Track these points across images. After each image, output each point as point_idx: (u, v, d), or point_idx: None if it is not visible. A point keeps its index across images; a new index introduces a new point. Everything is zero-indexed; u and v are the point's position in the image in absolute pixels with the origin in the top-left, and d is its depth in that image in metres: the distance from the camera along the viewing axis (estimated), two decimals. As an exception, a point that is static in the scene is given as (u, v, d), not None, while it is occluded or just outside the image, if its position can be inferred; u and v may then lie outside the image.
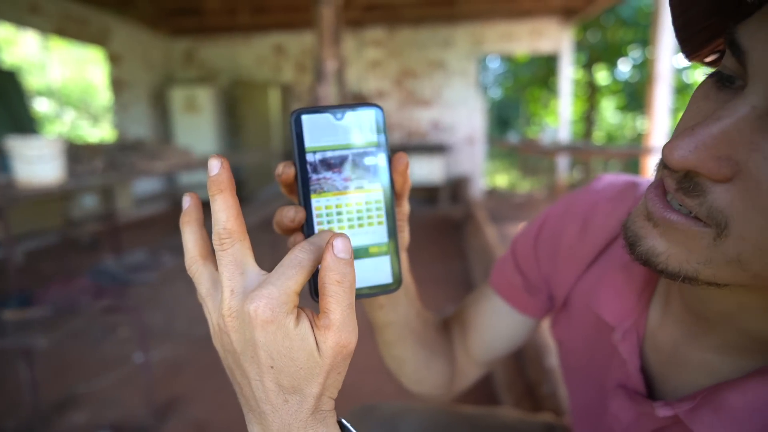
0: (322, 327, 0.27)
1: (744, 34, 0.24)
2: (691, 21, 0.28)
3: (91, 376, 1.88)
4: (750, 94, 0.23)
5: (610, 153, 4.41)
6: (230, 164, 0.29)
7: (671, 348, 0.37)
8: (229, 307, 0.27)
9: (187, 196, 0.31)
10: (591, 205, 0.48)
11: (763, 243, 0.24)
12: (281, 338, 0.26)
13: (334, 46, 3.32)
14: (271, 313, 0.26)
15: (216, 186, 0.28)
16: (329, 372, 0.28)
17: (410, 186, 0.38)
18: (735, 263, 0.25)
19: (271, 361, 0.27)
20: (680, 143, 0.24)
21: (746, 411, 0.30)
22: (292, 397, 0.27)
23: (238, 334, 0.27)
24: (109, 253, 3.41)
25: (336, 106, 0.34)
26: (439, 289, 2.79)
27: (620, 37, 9.62)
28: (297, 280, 0.27)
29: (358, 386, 1.74)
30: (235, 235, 0.28)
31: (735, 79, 0.26)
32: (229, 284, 0.27)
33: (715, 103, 0.26)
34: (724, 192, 0.24)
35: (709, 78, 0.28)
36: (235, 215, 0.28)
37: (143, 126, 6.01)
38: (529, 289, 0.53)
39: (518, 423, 0.64)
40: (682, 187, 0.26)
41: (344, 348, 0.28)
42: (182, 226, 0.30)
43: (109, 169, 2.79)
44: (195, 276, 0.30)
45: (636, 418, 0.38)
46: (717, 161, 0.24)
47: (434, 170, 5.69)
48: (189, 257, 0.30)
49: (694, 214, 0.26)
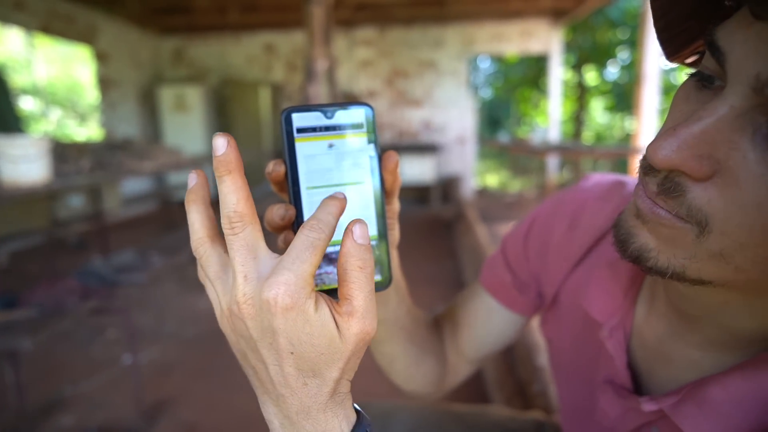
0: (345, 314, 0.27)
1: (722, 36, 0.25)
2: (671, 23, 0.29)
3: (79, 379, 1.85)
4: (729, 94, 0.24)
5: (599, 153, 4.46)
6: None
7: (656, 344, 0.38)
8: (244, 294, 0.26)
9: (194, 173, 0.29)
10: (579, 204, 0.49)
11: (743, 238, 0.25)
12: (302, 324, 0.26)
13: (325, 46, 3.31)
14: (291, 299, 0.25)
15: (224, 166, 0.27)
16: (350, 357, 0.28)
17: (400, 184, 0.38)
18: (718, 257, 0.26)
19: (291, 347, 0.26)
20: (663, 143, 0.25)
21: (728, 404, 0.30)
22: (312, 380, 0.27)
23: (255, 321, 0.26)
24: (96, 254, 3.37)
25: (326, 104, 0.34)
26: (430, 288, 2.80)
27: (609, 39, 9.72)
28: (312, 262, 0.26)
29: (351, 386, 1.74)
30: (247, 218, 0.27)
31: (714, 80, 0.26)
32: (242, 270, 0.26)
33: (695, 103, 0.27)
34: (703, 191, 0.25)
35: (689, 79, 0.28)
36: (245, 197, 0.27)
37: (131, 125, 5.94)
38: (518, 287, 0.53)
39: (508, 421, 0.64)
40: (664, 189, 0.27)
41: (367, 335, 0.28)
42: (188, 204, 0.29)
43: (97, 168, 2.75)
44: (203, 258, 0.28)
45: (623, 412, 0.38)
46: (698, 160, 0.24)
47: (425, 170, 5.70)
48: (196, 238, 0.28)
49: (676, 214, 0.26)
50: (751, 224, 0.24)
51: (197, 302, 2.66)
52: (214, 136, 0.27)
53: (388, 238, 0.36)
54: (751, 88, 0.23)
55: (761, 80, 0.22)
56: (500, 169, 11.32)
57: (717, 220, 0.25)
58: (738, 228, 0.24)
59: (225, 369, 1.93)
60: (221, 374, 1.90)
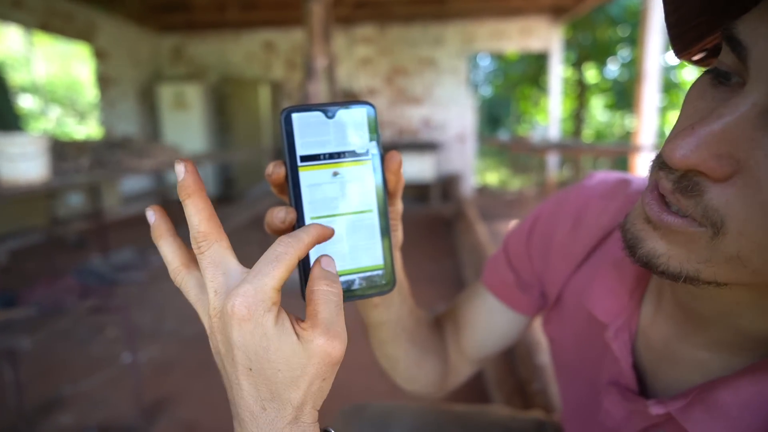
0: (308, 327, 0.27)
1: (744, 30, 0.24)
2: (683, 18, 0.28)
3: (78, 377, 1.85)
4: (751, 90, 0.23)
5: (600, 151, 4.45)
6: (220, 161, 0.28)
7: (663, 345, 0.37)
8: (214, 308, 0.27)
9: (150, 211, 0.30)
10: (583, 202, 0.48)
11: (762, 239, 0.24)
12: (258, 337, 0.26)
13: (324, 44, 3.30)
14: (247, 310, 0.25)
15: (184, 191, 0.28)
16: (314, 378, 0.27)
17: (404, 185, 0.37)
18: (735, 260, 0.25)
19: (248, 362, 0.26)
20: (681, 142, 0.24)
21: (738, 409, 0.30)
22: (270, 404, 0.26)
23: (222, 335, 0.27)
24: (96, 253, 3.36)
25: (327, 104, 0.33)
26: (431, 287, 2.79)
27: (609, 36, 9.70)
28: (275, 275, 0.26)
29: (349, 385, 1.74)
30: (211, 236, 0.28)
31: (732, 76, 0.26)
32: (212, 285, 0.27)
33: (712, 101, 0.26)
34: (721, 191, 0.24)
35: (704, 75, 0.28)
36: (207, 217, 0.28)
37: (131, 123, 5.93)
38: (521, 286, 0.53)
39: (509, 420, 0.64)
40: (680, 186, 0.26)
41: (332, 351, 0.27)
42: (156, 240, 0.30)
43: (96, 166, 2.74)
44: (182, 285, 0.29)
45: (628, 415, 0.38)
46: (718, 159, 0.24)
47: (425, 168, 5.70)
48: (172, 269, 0.30)
49: (690, 215, 0.26)
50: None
51: (197, 301, 2.65)
52: (175, 162, 0.28)
53: (392, 240, 0.35)
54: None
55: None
56: (500, 167, 11.31)
57: (735, 221, 0.24)
58: (757, 229, 0.24)
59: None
60: (220, 374, 1.89)
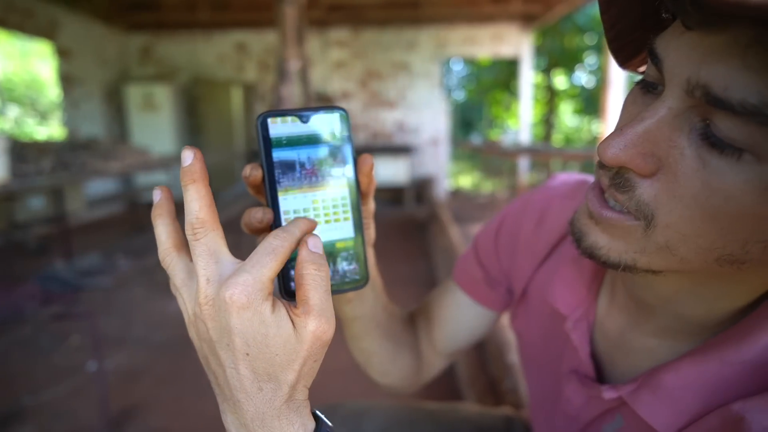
0: (301, 313, 0.28)
1: (660, 44, 0.27)
2: (620, 34, 0.31)
3: (39, 388, 1.78)
4: (666, 97, 0.26)
5: (568, 155, 4.58)
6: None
7: (617, 334, 0.40)
8: (206, 295, 0.27)
9: (158, 189, 0.31)
10: (546, 202, 0.51)
11: (685, 230, 0.27)
12: (257, 324, 0.27)
13: (298, 46, 3.28)
14: (247, 299, 0.26)
15: (189, 176, 0.28)
16: (306, 359, 0.28)
17: (375, 186, 0.39)
18: (665, 250, 0.28)
19: (246, 348, 0.27)
20: (612, 142, 0.27)
21: (681, 390, 0.32)
22: (267, 384, 0.28)
23: (214, 322, 0.27)
24: (59, 258, 3.24)
25: (301, 108, 0.35)
26: (405, 288, 2.81)
27: (576, 44, 10.01)
28: (271, 267, 0.27)
29: (324, 387, 1.73)
30: (208, 224, 0.28)
31: (657, 85, 0.29)
32: (204, 273, 0.28)
33: (641, 106, 0.29)
34: (649, 186, 0.27)
35: (636, 85, 0.31)
36: (207, 205, 0.28)
37: (97, 124, 5.74)
38: (489, 282, 0.55)
39: (479, 417, 0.66)
40: (614, 183, 0.29)
41: (323, 335, 0.28)
42: (154, 219, 0.30)
43: (59, 168, 2.65)
44: (169, 267, 0.30)
45: (586, 401, 0.40)
46: (643, 157, 0.27)
47: (399, 171, 5.73)
48: (162, 249, 0.30)
49: (626, 209, 0.29)
50: (690, 216, 0.26)
51: (166, 306, 2.59)
52: (184, 148, 0.29)
53: (365, 238, 0.37)
54: (684, 91, 0.25)
55: (691, 84, 0.24)
56: (473, 170, 11.47)
57: (661, 213, 0.27)
58: (680, 220, 0.26)
59: (195, 374, 1.88)
60: (191, 379, 1.85)
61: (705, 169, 0.25)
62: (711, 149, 0.25)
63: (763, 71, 0.22)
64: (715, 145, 0.24)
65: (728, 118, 0.23)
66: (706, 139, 0.25)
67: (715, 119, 0.24)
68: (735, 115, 0.23)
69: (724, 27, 0.23)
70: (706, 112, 0.25)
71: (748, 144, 0.23)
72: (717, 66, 0.23)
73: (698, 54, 0.24)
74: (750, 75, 0.22)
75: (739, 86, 0.22)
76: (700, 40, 0.24)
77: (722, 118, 0.24)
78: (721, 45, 0.23)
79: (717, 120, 0.24)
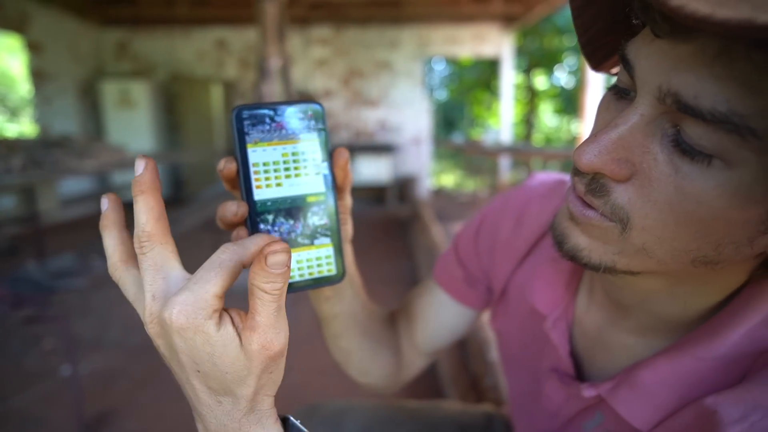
0: (248, 328, 0.27)
1: (631, 51, 0.27)
2: (592, 39, 0.32)
3: (10, 394, 1.72)
4: (638, 104, 0.26)
5: (548, 154, 4.65)
6: (169, 162, 0.28)
7: (596, 333, 0.40)
8: (151, 313, 0.27)
9: (105, 198, 0.29)
10: (525, 201, 0.51)
11: (660, 233, 0.27)
12: (201, 344, 0.26)
13: (279, 44, 3.25)
14: (186, 319, 0.25)
15: (138, 186, 0.27)
16: (260, 373, 0.27)
17: (351, 180, 0.39)
18: (642, 252, 0.28)
19: (195, 366, 0.27)
20: (586, 149, 0.27)
21: (657, 386, 0.33)
22: (225, 398, 0.28)
23: (162, 339, 0.27)
24: (30, 259, 3.13)
25: (277, 102, 0.34)
26: (387, 288, 2.81)
27: (556, 45, 10.17)
28: (216, 282, 0.26)
29: (305, 387, 1.72)
30: (155, 238, 0.27)
31: (629, 92, 0.29)
32: (150, 289, 0.27)
33: (614, 112, 0.30)
34: (623, 191, 0.28)
35: (609, 91, 0.31)
36: (155, 218, 0.27)
37: (70, 121, 5.58)
38: (469, 281, 0.55)
39: (459, 414, 0.66)
40: (590, 189, 0.29)
41: (270, 349, 0.27)
42: (102, 230, 0.29)
43: (30, 167, 2.57)
44: (119, 282, 0.29)
45: (566, 398, 0.41)
46: (617, 163, 0.27)
47: (381, 170, 5.73)
48: (110, 263, 0.29)
49: (602, 213, 0.29)
50: (664, 219, 0.27)
51: (144, 307, 2.53)
52: (137, 156, 0.28)
53: (341, 233, 0.37)
54: (655, 98, 0.25)
55: (662, 91, 0.25)
56: (455, 169, 11.56)
57: (637, 217, 0.27)
58: (654, 223, 0.27)
59: (172, 377, 1.83)
60: (169, 382, 1.82)
61: (677, 174, 0.25)
62: (682, 155, 0.25)
63: (730, 81, 0.22)
64: (686, 152, 0.25)
65: (698, 125, 0.24)
66: (677, 145, 0.25)
67: (685, 126, 0.25)
68: (705, 122, 0.23)
69: (692, 36, 0.23)
70: (677, 118, 0.25)
71: (717, 150, 0.24)
72: (687, 74, 0.23)
73: (668, 62, 0.24)
74: (718, 84, 0.22)
75: (708, 95, 0.23)
76: (670, 49, 0.24)
77: (692, 125, 0.24)
78: (689, 54, 0.23)
79: (687, 127, 0.25)
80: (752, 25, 0.17)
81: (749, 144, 0.23)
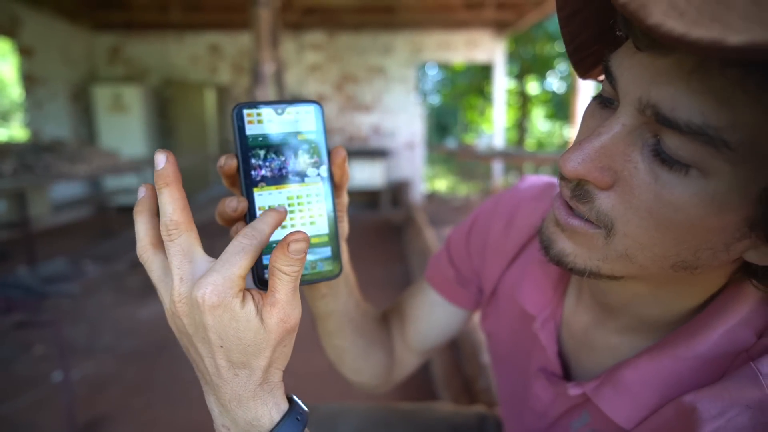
0: (268, 304, 0.29)
1: (614, 63, 0.28)
2: (579, 47, 0.33)
3: (1, 400, 1.70)
4: (620, 114, 0.28)
5: (541, 159, 4.69)
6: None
7: (583, 333, 0.42)
8: (179, 294, 0.29)
9: (143, 187, 0.32)
10: (515, 204, 0.52)
11: (642, 239, 0.28)
12: (228, 320, 0.28)
13: (272, 49, 3.26)
14: (218, 298, 0.28)
15: (162, 179, 0.29)
16: (276, 345, 0.30)
17: (349, 178, 0.40)
18: (624, 257, 0.30)
19: (220, 341, 0.29)
20: (571, 156, 0.29)
21: (639, 385, 0.34)
22: (242, 371, 0.30)
23: (189, 318, 0.29)
24: (21, 264, 3.10)
25: (277, 101, 0.35)
26: (380, 291, 2.81)
27: (548, 51, 10.26)
28: (241, 265, 0.29)
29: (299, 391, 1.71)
30: (182, 226, 0.29)
31: (613, 101, 0.30)
32: (178, 272, 0.29)
33: (598, 120, 0.31)
34: (607, 198, 0.29)
35: (593, 100, 0.32)
36: (181, 207, 0.29)
37: (62, 126, 5.54)
38: (461, 282, 0.56)
39: (452, 415, 0.67)
40: (575, 195, 0.30)
41: (287, 322, 0.30)
42: (135, 215, 0.31)
43: (21, 171, 2.55)
44: (146, 263, 0.31)
45: (554, 398, 0.42)
46: (600, 171, 0.28)
47: (375, 175, 5.74)
48: (140, 246, 0.31)
49: (588, 219, 0.30)
50: (645, 226, 0.28)
51: (136, 312, 2.52)
52: (156, 151, 0.30)
53: (338, 230, 0.38)
54: (636, 109, 0.27)
55: (643, 102, 0.26)
56: (448, 174, 11.59)
57: (620, 223, 0.29)
58: (636, 229, 0.28)
59: (165, 382, 1.84)
60: (161, 388, 1.81)
61: (657, 182, 0.27)
62: (662, 164, 0.26)
63: (705, 95, 0.23)
64: (665, 161, 0.26)
65: (676, 136, 0.25)
66: (657, 155, 0.27)
67: (664, 136, 0.26)
68: (682, 134, 0.25)
69: (671, 51, 0.24)
70: (656, 129, 0.26)
71: (694, 160, 0.25)
72: (665, 87, 0.25)
73: (648, 75, 0.25)
74: (694, 98, 0.24)
75: (684, 107, 0.24)
76: (650, 62, 0.26)
77: (670, 136, 0.25)
78: (668, 68, 0.25)
79: (666, 137, 0.26)
80: (722, 46, 0.18)
81: (723, 155, 0.24)
